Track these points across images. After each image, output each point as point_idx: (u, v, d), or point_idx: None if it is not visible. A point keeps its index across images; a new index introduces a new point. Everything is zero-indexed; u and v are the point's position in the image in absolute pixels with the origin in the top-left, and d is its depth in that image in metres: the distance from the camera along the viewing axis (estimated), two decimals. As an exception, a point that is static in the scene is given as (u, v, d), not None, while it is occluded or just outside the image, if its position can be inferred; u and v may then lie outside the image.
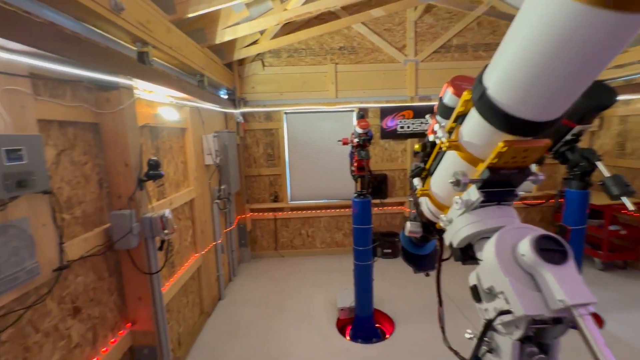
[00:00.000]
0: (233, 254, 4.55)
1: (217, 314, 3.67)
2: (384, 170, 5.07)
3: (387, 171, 5.09)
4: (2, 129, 1.30)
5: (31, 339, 1.48)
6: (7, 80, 1.35)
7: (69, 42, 1.52)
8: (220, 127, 4.34)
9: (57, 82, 1.68)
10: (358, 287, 3.21)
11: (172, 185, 2.93)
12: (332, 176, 5.13)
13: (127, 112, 2.00)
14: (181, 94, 2.84)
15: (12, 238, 1.32)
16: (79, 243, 1.74)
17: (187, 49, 2.96)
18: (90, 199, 1.90)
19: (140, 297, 2.14)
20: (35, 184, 1.30)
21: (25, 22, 1.31)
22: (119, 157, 1.99)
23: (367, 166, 2.99)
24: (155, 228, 2.06)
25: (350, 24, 4.41)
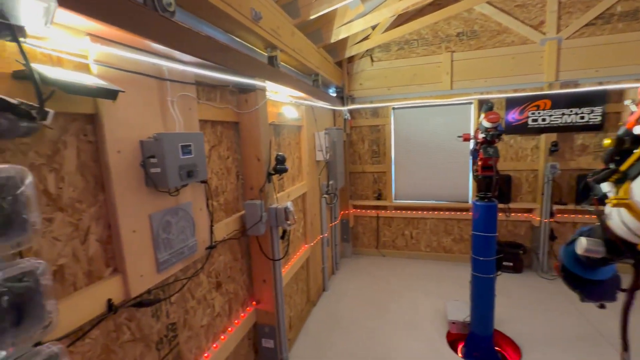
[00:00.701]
0: (336, 248, 4.67)
1: (322, 305, 3.82)
2: (508, 171, 4.39)
3: (511, 172, 4.39)
4: (177, 128, 1.57)
5: (189, 303, 1.77)
6: (182, 88, 1.63)
7: (223, 52, 1.74)
8: (329, 125, 4.47)
9: (211, 87, 1.96)
10: (476, 301, 2.85)
11: (289, 179, 3.15)
12: (442, 175, 4.73)
13: (261, 112, 2.20)
14: (299, 94, 3.01)
15: (181, 219, 1.59)
16: (222, 227, 2.01)
17: (306, 50, 3.11)
18: (230, 189, 2.17)
19: (265, 280, 2.36)
20: (198, 174, 1.53)
21: (194, 37, 1.54)
22: (252, 152, 2.22)
23: (494, 166, 2.60)
24: (280, 218, 2.23)
25: (472, 6, 3.92)
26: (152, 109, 1.44)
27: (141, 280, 1.37)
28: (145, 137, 1.38)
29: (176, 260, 1.55)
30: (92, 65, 1.19)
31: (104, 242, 1.27)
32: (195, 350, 1.82)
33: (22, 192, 0.72)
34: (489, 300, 2.81)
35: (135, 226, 1.34)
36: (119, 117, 1.27)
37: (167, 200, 1.51)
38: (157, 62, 1.46)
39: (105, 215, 1.28)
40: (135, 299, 1.37)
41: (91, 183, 1.23)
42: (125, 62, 1.31)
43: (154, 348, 1.52)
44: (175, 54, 1.51)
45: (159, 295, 1.53)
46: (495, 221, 2.72)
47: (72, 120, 1.16)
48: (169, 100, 1.53)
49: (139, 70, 1.37)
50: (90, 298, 1.18)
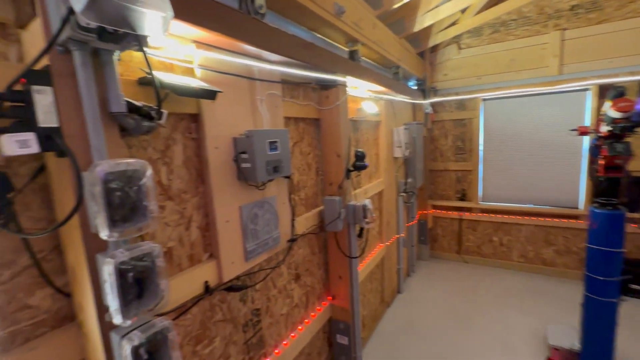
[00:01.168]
0: (412, 250, 4.43)
1: (396, 307, 3.67)
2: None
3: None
4: (265, 125, 1.65)
5: (271, 292, 1.86)
6: (269, 86, 1.70)
7: (307, 49, 1.76)
8: (408, 119, 4.25)
9: (294, 85, 2.01)
10: (590, 328, 2.37)
11: (366, 175, 3.08)
12: (544, 175, 4.06)
13: (341, 108, 2.18)
14: (379, 88, 2.89)
15: (266, 211, 1.67)
16: (302, 221, 2.06)
17: (387, 42, 2.98)
18: (310, 184, 2.21)
19: (341, 276, 2.35)
20: (283, 169, 1.58)
21: (282, 37, 1.58)
22: (332, 149, 2.22)
23: (624, 165, 2.10)
24: (358, 216, 2.19)
25: (593, -29, 3.24)
26: (244, 108, 1.53)
27: (232, 266, 1.48)
28: (237, 134, 1.48)
29: (261, 251, 1.64)
30: (196, 69, 1.31)
31: (203, 230, 1.41)
32: (276, 337, 1.91)
33: (144, 183, 0.81)
34: (609, 330, 2.30)
35: (228, 216, 1.45)
36: (216, 116, 1.39)
37: (255, 193, 1.60)
38: (248, 62, 1.54)
39: (204, 205, 1.41)
40: (226, 284, 1.49)
41: (194, 175, 1.36)
42: (223, 64, 1.42)
43: (241, 330, 1.64)
44: (264, 54, 1.58)
45: (246, 282, 1.64)
46: (621, 233, 2.20)
47: (180, 120, 1.30)
48: (258, 98, 1.61)
49: (234, 72, 1.47)
50: (192, 279, 1.32)
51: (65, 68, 0.77)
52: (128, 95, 0.99)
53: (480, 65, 4.18)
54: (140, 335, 0.82)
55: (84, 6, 0.60)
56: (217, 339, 1.49)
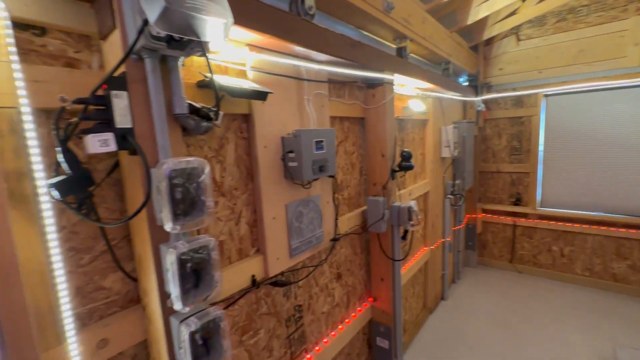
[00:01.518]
0: (459, 255, 4.21)
1: (439, 314, 3.51)
2: None
3: None
4: (311, 125, 1.67)
5: (313, 289, 1.89)
6: (316, 86, 1.72)
7: (355, 48, 1.75)
8: (458, 117, 4.03)
9: (340, 84, 2.01)
10: (674, 357, 2.06)
11: (411, 176, 2.98)
12: (616, 181, 3.61)
13: (388, 106, 2.13)
14: (427, 85, 2.78)
15: (311, 210, 1.69)
16: (344, 220, 2.05)
17: (437, 37, 2.85)
18: (354, 184, 2.20)
19: (383, 279, 2.31)
20: (328, 169, 1.59)
21: (330, 37, 1.59)
22: (377, 148, 2.18)
23: None
24: (402, 217, 2.13)
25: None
26: (292, 108, 1.57)
27: (277, 262, 1.52)
28: (285, 134, 1.52)
29: (305, 248, 1.67)
30: (248, 71, 1.37)
31: (251, 225, 1.47)
32: (317, 334, 1.93)
33: (203, 180, 0.87)
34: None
35: (275, 213, 1.50)
36: (266, 116, 1.43)
37: (300, 192, 1.63)
38: (297, 63, 1.57)
39: (252, 202, 1.47)
40: (271, 279, 1.53)
41: (244, 173, 1.43)
42: (273, 66, 1.46)
43: (284, 324, 1.68)
44: (312, 55, 1.60)
45: (290, 279, 1.67)
46: None
47: (233, 120, 1.37)
48: (305, 98, 1.63)
49: (283, 73, 1.50)
50: (240, 272, 1.38)
51: (138, 74, 0.85)
52: (189, 97, 1.06)
53: (543, 58, 3.82)
54: (197, 322, 0.88)
55: (157, 17, 0.66)
56: (262, 331, 1.55)
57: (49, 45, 0.88)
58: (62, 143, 0.79)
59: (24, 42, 0.84)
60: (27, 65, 0.83)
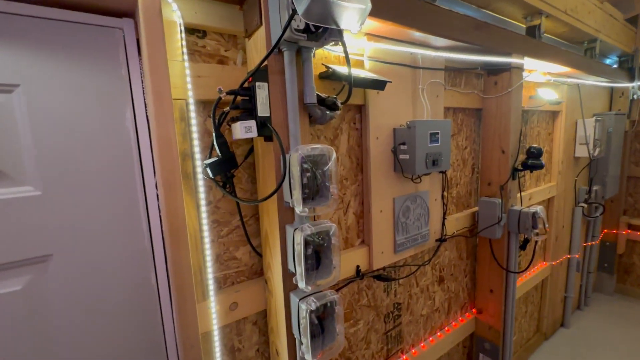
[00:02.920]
0: (589, 277, 3.45)
1: (557, 342, 2.96)
2: None
3: None
4: (425, 116, 1.57)
5: (413, 289, 1.80)
6: (431, 75, 1.60)
7: (479, 30, 1.56)
8: (602, 108, 3.27)
9: (457, 72, 1.84)
10: None
11: (532, 177, 2.56)
12: None
13: (514, 95, 1.86)
14: (564, 69, 2.31)
15: (418, 206, 1.60)
16: (452, 221, 1.89)
17: (583, 9, 2.34)
18: (464, 182, 2.00)
19: (492, 290, 2.06)
20: (442, 164, 1.47)
21: (452, 18, 1.45)
22: (496, 143, 1.93)
23: None
24: (525, 224, 1.84)
25: None
26: (405, 98, 1.50)
27: (381, 256, 1.50)
28: (397, 125, 1.46)
29: (410, 246, 1.60)
30: (365, 61, 1.36)
31: (358, 216, 1.48)
32: (414, 337, 1.85)
33: (329, 167, 0.89)
34: None
35: (382, 206, 1.47)
36: (380, 107, 1.40)
37: (409, 186, 1.56)
38: (413, 51, 1.49)
39: (361, 193, 1.47)
40: (374, 272, 1.52)
41: (354, 164, 1.43)
42: (388, 54, 1.42)
43: (382, 320, 1.65)
44: (430, 40, 1.49)
45: (391, 275, 1.63)
46: None
47: (347, 111, 1.38)
48: (419, 88, 1.54)
49: (399, 61, 1.45)
50: (346, 261, 1.40)
51: (278, 66, 0.92)
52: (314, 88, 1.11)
53: None
54: (316, 302, 0.93)
55: (305, 7, 0.69)
56: (361, 322, 1.55)
57: (207, 46, 1.03)
58: (217, 129, 0.91)
59: (191, 44, 1.00)
60: (193, 63, 0.98)
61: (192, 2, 0.97)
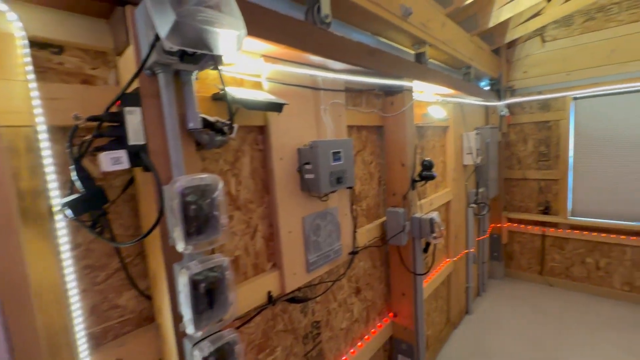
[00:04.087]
0: (483, 267, 4.01)
1: (464, 329, 3.34)
2: None
3: None
4: (328, 135, 1.63)
5: (331, 305, 1.82)
6: (333, 95, 1.68)
7: (372, 55, 1.70)
8: (480, 123, 3.88)
9: (357, 92, 1.96)
10: None
11: (432, 185, 2.87)
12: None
13: (407, 114, 2.06)
14: (448, 91, 2.69)
15: (328, 223, 1.64)
16: (363, 233, 1.98)
17: (458, 41, 2.77)
18: (372, 194, 2.13)
19: (404, 293, 2.21)
20: (346, 180, 1.53)
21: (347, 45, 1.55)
22: (396, 157, 2.11)
23: None
24: (424, 230, 2.03)
25: None
26: (308, 118, 1.53)
27: (294, 277, 1.47)
28: (301, 145, 1.48)
29: (323, 263, 1.61)
30: (264, 82, 1.34)
31: (267, 239, 1.43)
32: (335, 352, 1.85)
33: (217, 197, 0.83)
34: None
35: (291, 227, 1.45)
36: (282, 127, 1.40)
37: (317, 204, 1.58)
38: (313, 73, 1.54)
39: (268, 215, 1.43)
40: (288, 295, 1.48)
41: (259, 186, 1.39)
42: (288, 76, 1.43)
43: (301, 342, 1.62)
44: (328, 64, 1.56)
45: (307, 294, 1.62)
46: None
47: (248, 132, 1.34)
48: (322, 108, 1.60)
49: (299, 83, 1.47)
50: (256, 288, 1.34)
51: (152, 89, 0.83)
52: (203, 111, 1.04)
53: (570, 59, 3.63)
54: (210, 345, 0.84)
55: (169, 31, 0.64)
56: (279, 349, 1.49)
57: (67, 63, 0.88)
58: (76, 161, 0.78)
59: (42, 61, 0.84)
60: (45, 83, 0.83)
61: (42, 13, 0.82)
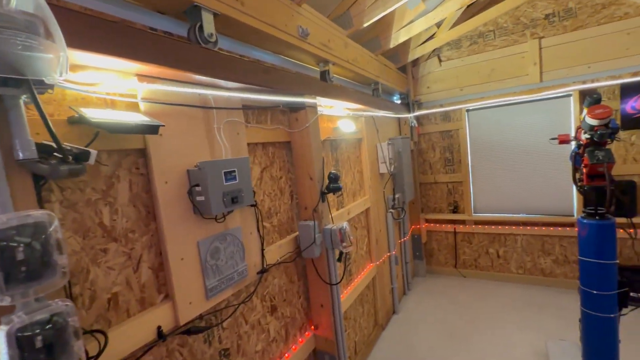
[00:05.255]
0: (407, 267, 4.30)
1: (392, 329, 3.51)
2: (631, 176, 3.46)
3: (635, 176, 3.45)
4: (223, 155, 1.59)
5: (242, 328, 1.75)
6: (228, 114, 1.65)
7: (268, 74, 1.73)
8: (394, 134, 4.21)
9: (261, 109, 1.97)
10: (590, 346, 2.23)
11: (349, 194, 3.00)
12: (535, 184, 3.99)
13: (312, 129, 2.13)
14: (357, 105, 2.87)
15: (229, 244, 1.59)
16: (275, 249, 1.97)
17: (363, 60, 2.97)
18: (284, 209, 2.14)
19: (322, 305, 2.24)
20: (244, 199, 1.51)
21: (237, 64, 1.55)
22: (305, 171, 2.16)
23: (607, 173, 2.02)
24: (335, 240, 2.10)
25: (564, -20, 3.26)
26: (199, 138, 1.48)
27: (190, 307, 1.38)
28: (192, 166, 1.42)
29: (225, 286, 1.55)
30: (140, 103, 1.26)
31: (156, 270, 1.33)
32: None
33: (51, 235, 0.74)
34: (611, 347, 2.16)
35: (183, 253, 1.37)
36: (166, 149, 1.33)
37: (214, 226, 1.52)
38: (201, 92, 1.50)
39: (156, 243, 1.33)
40: (185, 326, 1.39)
41: (143, 213, 1.29)
42: (171, 95, 1.37)
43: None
44: (219, 82, 1.54)
45: (211, 321, 1.53)
46: (614, 244, 2.11)
47: (125, 156, 1.24)
48: (215, 127, 1.56)
49: (185, 102, 1.42)
50: (142, 325, 1.22)
51: (-40, 117, 0.72)
52: (60, 136, 0.93)
53: (462, 77, 4.17)
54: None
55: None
56: (177, 387, 1.38)
57: None
58: None
59: None
60: None
61: None
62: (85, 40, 0.92)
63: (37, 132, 0.93)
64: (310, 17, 2.10)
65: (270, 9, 1.70)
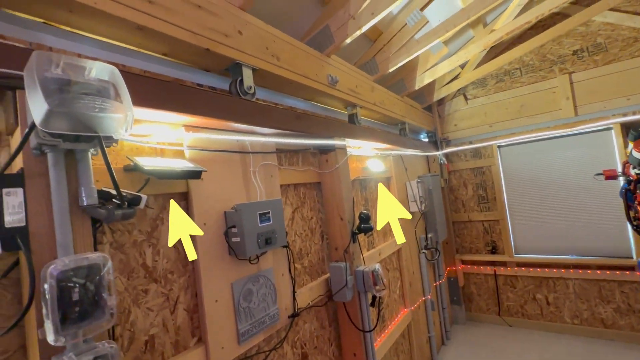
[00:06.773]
0: (444, 312, 3.99)
1: (431, 385, 3.18)
2: (693, 213, 3.11)
3: (700, 214, 3.10)
4: (258, 197, 1.65)
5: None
6: (263, 157, 1.74)
7: (301, 119, 1.83)
8: (423, 172, 4.16)
9: (292, 152, 2.06)
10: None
11: (380, 235, 2.94)
12: (580, 222, 3.69)
13: (342, 170, 2.17)
14: (385, 145, 2.91)
15: (262, 286, 1.58)
16: (306, 292, 1.92)
17: (389, 102, 3.07)
18: (315, 250, 2.12)
19: (355, 354, 2.11)
20: (277, 241, 1.53)
21: (272, 112, 1.66)
22: (335, 212, 2.16)
23: (666, 210, 1.85)
24: (367, 283, 2.02)
25: (588, 18, 3.28)
26: (236, 181, 1.56)
27: (222, 352, 1.36)
28: (229, 208, 1.48)
29: (257, 331, 1.51)
30: (185, 150, 1.37)
31: (191, 312, 1.34)
32: None
33: (104, 277, 0.79)
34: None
35: (218, 295, 1.38)
36: (205, 192, 1.40)
37: (248, 267, 1.53)
38: (240, 138, 1.61)
39: (192, 285, 1.36)
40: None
41: (182, 254, 1.34)
42: (213, 143, 1.48)
43: None
44: (256, 129, 1.65)
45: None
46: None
47: (169, 199, 1.33)
48: (251, 170, 1.64)
49: (224, 148, 1.52)
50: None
51: (39, 168, 0.82)
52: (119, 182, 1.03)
53: (491, 114, 4.15)
54: None
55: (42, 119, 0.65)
56: None
57: (-51, 145, 0.85)
58: None
59: None
60: None
61: None
62: (145, 98, 1.04)
63: (97, 180, 1.03)
64: (339, 66, 2.24)
65: (303, 61, 1.85)
